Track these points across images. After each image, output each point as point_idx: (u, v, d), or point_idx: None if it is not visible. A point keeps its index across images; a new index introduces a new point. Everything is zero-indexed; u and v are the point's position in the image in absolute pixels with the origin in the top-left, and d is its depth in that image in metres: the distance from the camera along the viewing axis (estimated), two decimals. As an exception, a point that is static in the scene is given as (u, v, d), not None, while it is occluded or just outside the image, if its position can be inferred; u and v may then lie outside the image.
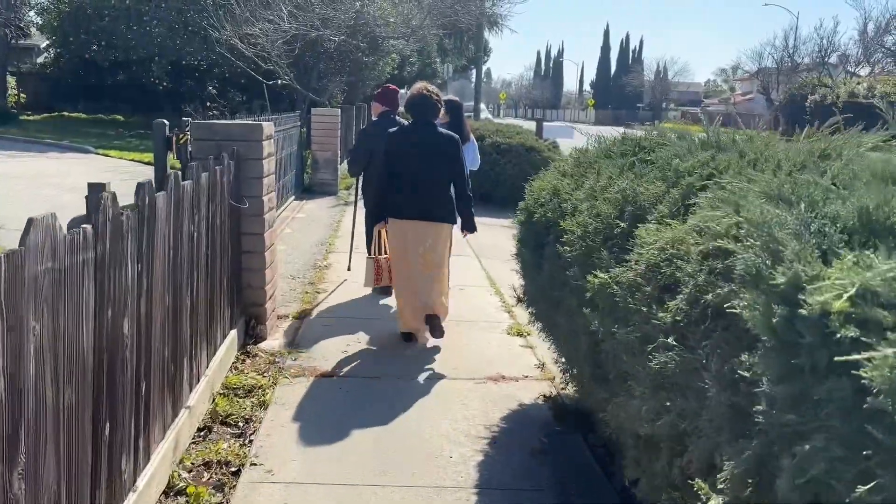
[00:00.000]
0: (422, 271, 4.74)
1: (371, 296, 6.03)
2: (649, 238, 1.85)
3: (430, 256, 4.76)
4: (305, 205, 10.76)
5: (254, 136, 4.65)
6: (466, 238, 5.54)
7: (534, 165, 11.83)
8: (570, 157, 3.71)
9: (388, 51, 21.90)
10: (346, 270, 6.86)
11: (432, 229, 4.74)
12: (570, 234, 2.50)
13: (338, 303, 5.81)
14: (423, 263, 4.73)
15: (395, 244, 4.87)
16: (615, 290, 1.96)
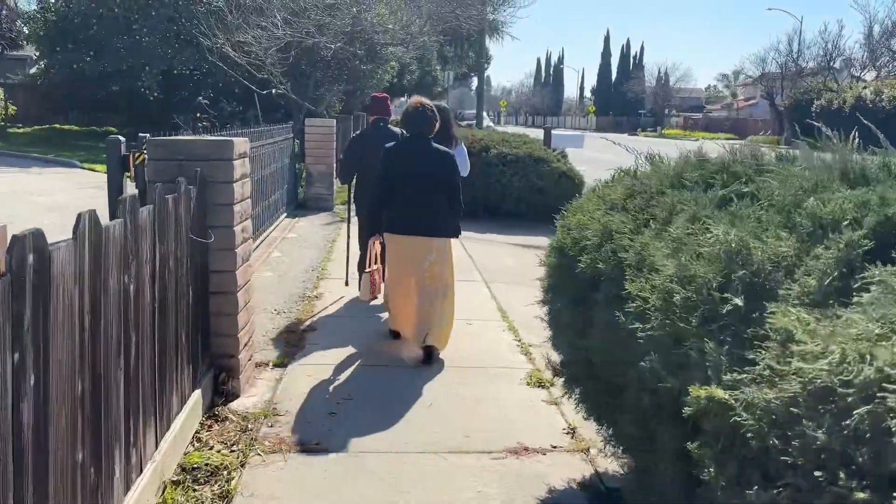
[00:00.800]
0: (429, 285, 4.71)
1: (366, 332, 5.25)
2: (811, 345, 1.09)
3: (436, 269, 4.73)
4: (298, 223, 9.97)
5: (222, 155, 3.88)
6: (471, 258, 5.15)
7: (543, 177, 11.08)
8: (619, 184, 2.93)
9: (387, 58, 21.17)
10: (339, 298, 6.11)
11: (433, 244, 4.73)
12: (640, 301, 1.73)
13: (328, 344, 5.01)
14: (429, 277, 4.71)
15: (393, 260, 4.83)
16: (742, 419, 1.19)
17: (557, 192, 11.02)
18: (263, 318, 5.44)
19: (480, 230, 10.27)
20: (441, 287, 4.76)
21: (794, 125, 50.70)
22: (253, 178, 7.73)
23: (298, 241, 8.65)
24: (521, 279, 7.32)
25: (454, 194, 4.80)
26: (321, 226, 9.91)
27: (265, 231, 8.35)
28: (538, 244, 10.11)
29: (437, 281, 4.74)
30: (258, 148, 7.78)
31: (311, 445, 3.50)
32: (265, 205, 8.44)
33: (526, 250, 9.07)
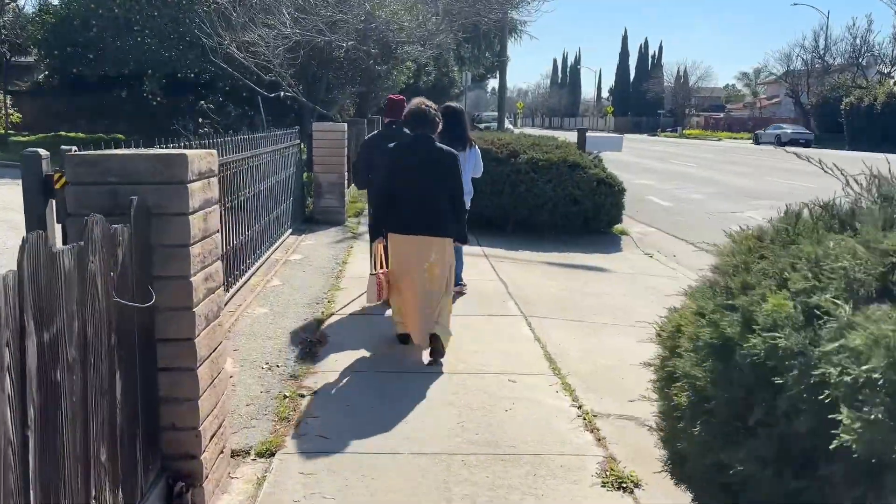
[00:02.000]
0: (428, 287, 4.72)
1: (385, 401, 4.07)
2: None
3: (436, 270, 4.73)
4: (304, 241, 8.82)
5: (173, 175, 2.71)
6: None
7: (579, 185, 9.85)
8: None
9: (403, 58, 20.04)
10: (346, 341, 4.96)
11: (434, 244, 4.72)
12: None
13: (332, 419, 3.82)
14: (429, 279, 4.72)
15: (396, 260, 4.82)
16: None
17: (595, 201, 9.82)
18: (249, 378, 4.28)
19: (511, 246, 9.08)
20: (440, 287, 4.76)
21: (821, 123, 48.98)
22: (248, 193, 6.64)
23: (303, 263, 7.48)
24: (569, 311, 6.12)
25: (456, 194, 4.79)
26: (330, 244, 8.74)
27: (264, 254, 7.20)
28: (579, 262, 8.95)
29: (436, 282, 4.73)
30: (252, 158, 6.64)
31: None
32: (265, 223, 7.30)
33: (567, 272, 7.86)
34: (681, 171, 23.35)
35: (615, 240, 10.02)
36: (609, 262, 8.59)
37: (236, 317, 5.39)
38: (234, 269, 5.85)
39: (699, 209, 13.89)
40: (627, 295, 6.94)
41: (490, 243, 9.16)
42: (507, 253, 8.69)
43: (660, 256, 9.27)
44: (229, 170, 5.76)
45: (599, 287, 7.20)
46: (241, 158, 6.11)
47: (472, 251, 8.62)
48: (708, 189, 17.47)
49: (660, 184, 18.55)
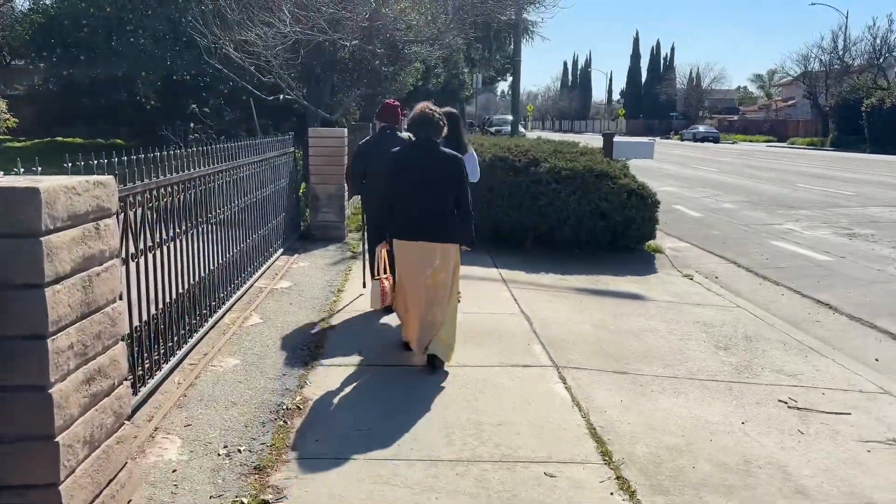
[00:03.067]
0: (431, 294, 4.62)
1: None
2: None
3: (440, 277, 4.62)
4: (296, 263, 7.74)
5: (16, 224, 1.64)
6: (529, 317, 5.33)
7: (607, 197, 8.71)
8: None
9: (411, 59, 18.96)
10: (337, 400, 3.87)
11: (438, 250, 4.61)
12: None
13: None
14: (432, 285, 4.62)
15: (401, 265, 4.72)
16: None
17: (625, 215, 8.69)
18: (199, 472, 3.19)
19: (531, 267, 7.97)
20: (444, 294, 4.64)
21: (841, 125, 47.60)
22: (221, 214, 5.54)
23: (291, 293, 6.40)
24: (609, 357, 5.02)
25: (462, 199, 4.67)
26: (326, 266, 7.66)
27: (245, 283, 6.13)
28: (612, 288, 7.69)
29: (440, 289, 4.63)
30: (227, 172, 5.57)
31: None
32: (245, 247, 6.23)
33: (599, 301, 6.75)
34: (703, 176, 22.17)
35: (648, 258, 8.90)
36: (645, 288, 7.47)
37: (197, 373, 4.31)
38: (195, 313, 4.77)
39: (732, 220, 12.74)
40: (674, 332, 5.83)
41: (508, 264, 8.05)
42: (528, 277, 7.58)
43: (700, 279, 8.14)
44: (191, 188, 4.69)
45: (640, 322, 6.09)
46: (208, 174, 5.04)
47: (488, 275, 7.52)
48: (737, 197, 16.29)
49: (685, 191, 17.38)
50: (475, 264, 7.97)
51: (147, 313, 3.87)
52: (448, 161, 4.63)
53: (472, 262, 8.02)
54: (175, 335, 4.32)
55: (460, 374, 4.56)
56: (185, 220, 4.54)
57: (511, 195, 8.62)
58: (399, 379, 4.48)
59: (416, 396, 4.17)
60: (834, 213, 13.72)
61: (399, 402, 4.07)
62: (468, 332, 5.35)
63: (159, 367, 4.04)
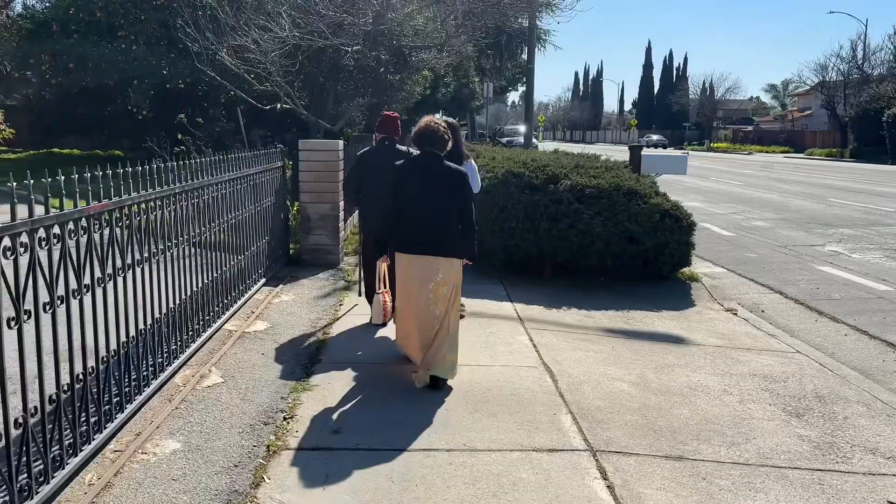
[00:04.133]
0: (432, 308, 4.55)
1: None
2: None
3: (442, 290, 4.56)
4: (279, 296, 6.70)
5: None
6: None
7: (637, 219, 7.64)
8: None
9: (418, 66, 17.98)
10: None
11: (440, 264, 4.55)
12: None
13: None
14: (433, 299, 4.55)
15: (402, 279, 4.65)
16: None
17: (657, 239, 7.62)
18: None
19: (552, 300, 6.91)
20: (445, 308, 4.56)
21: (860, 136, 46.35)
22: (174, 246, 4.48)
23: (266, 338, 5.36)
24: (657, 434, 3.93)
25: (466, 213, 4.60)
26: (314, 300, 6.62)
27: (207, 329, 5.09)
28: (647, 328, 6.23)
29: (441, 303, 4.56)
30: (186, 195, 4.53)
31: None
32: (211, 284, 5.20)
33: (635, 346, 5.66)
34: (727, 189, 21.02)
35: (683, 289, 7.80)
36: (686, 327, 6.38)
37: (120, 465, 3.25)
38: (128, 379, 3.71)
39: (768, 240, 11.62)
40: (731, 391, 4.74)
41: (524, 297, 6.99)
42: (549, 314, 6.51)
43: (746, 314, 7.05)
44: (124, 218, 3.66)
45: (687, 376, 5.00)
46: (148, 200, 4.00)
47: (502, 311, 6.45)
48: (768, 213, 15.15)
49: (710, 206, 16.26)
50: (486, 296, 6.91)
51: (58, 382, 2.83)
52: (452, 175, 4.58)
53: (483, 294, 6.95)
54: (93, 415, 3.28)
55: (469, 463, 3.49)
56: (112, 260, 3.51)
57: (527, 217, 7.57)
58: (393, 478, 3.40)
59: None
60: (878, 231, 12.56)
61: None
62: (479, 395, 4.30)
63: (62, 463, 2.99)
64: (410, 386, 4.50)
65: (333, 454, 3.53)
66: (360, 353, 5.17)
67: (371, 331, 5.68)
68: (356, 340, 5.43)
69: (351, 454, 3.54)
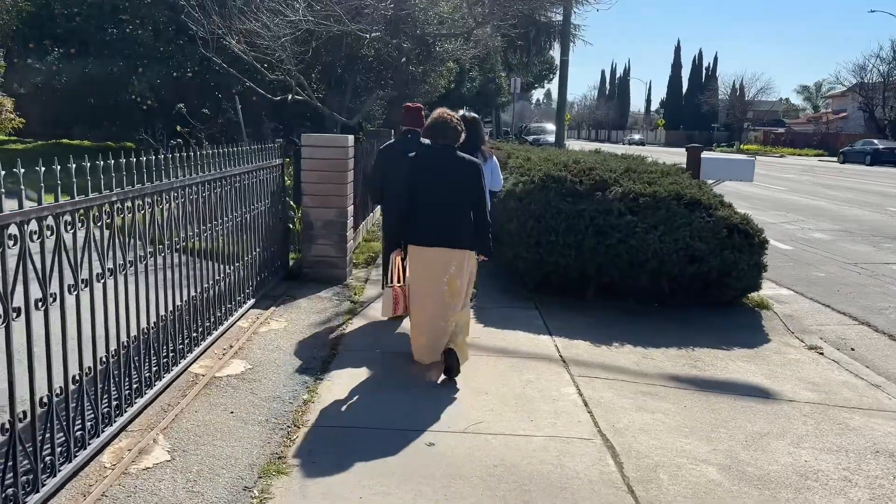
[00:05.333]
0: (447, 300, 4.54)
1: None
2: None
3: (456, 283, 4.54)
4: (268, 322, 5.54)
5: None
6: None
7: (700, 234, 6.39)
8: None
9: (442, 57, 16.78)
10: None
11: (455, 256, 4.54)
12: None
13: None
14: (448, 292, 4.54)
15: (415, 272, 4.63)
16: None
17: (724, 259, 6.36)
18: None
19: (598, 333, 5.68)
20: (458, 302, 4.56)
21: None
22: (124, 268, 3.28)
23: (240, 388, 4.19)
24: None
25: (480, 206, 4.57)
26: (309, 328, 5.45)
27: (161, 379, 3.93)
28: (721, 374, 4.82)
29: (455, 297, 4.55)
30: (144, 199, 3.37)
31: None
32: (178, 315, 4.04)
33: (710, 401, 4.41)
34: (771, 195, 19.57)
35: (752, 318, 6.55)
36: (768, 373, 5.13)
37: None
38: (32, 460, 2.56)
39: (833, 256, 10.28)
40: (855, 479, 3.50)
41: (565, 326, 5.78)
42: (598, 352, 5.28)
43: (834, 352, 5.78)
44: (44, 232, 2.51)
45: (789, 454, 3.76)
46: (81, 208, 2.86)
47: (539, 348, 5.23)
48: (824, 223, 13.76)
49: (757, 213, 14.78)
50: (519, 326, 5.71)
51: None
52: (465, 166, 4.54)
53: (516, 323, 5.75)
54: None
55: None
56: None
57: (569, 229, 6.35)
58: None
59: None
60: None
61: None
62: (516, 485, 3.10)
63: None
64: (427, 471, 3.31)
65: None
66: (362, 411, 3.99)
67: (381, 374, 4.52)
68: (360, 393, 4.25)
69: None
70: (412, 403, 4.09)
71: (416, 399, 4.16)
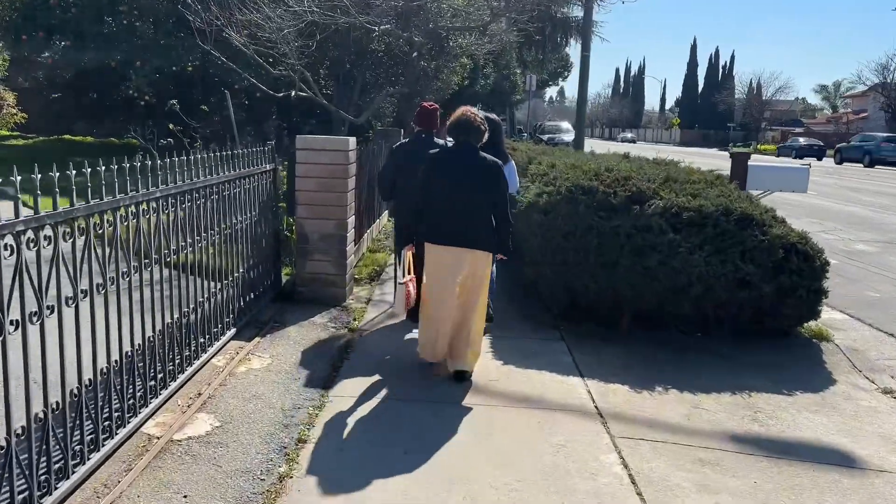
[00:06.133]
0: (460, 300, 4.47)
1: None
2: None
3: (470, 283, 4.47)
4: (249, 359, 4.72)
5: None
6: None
7: (753, 256, 5.51)
8: None
9: (456, 53, 15.93)
10: None
11: (470, 256, 4.44)
12: None
13: None
14: (461, 292, 4.47)
15: (431, 270, 4.55)
16: None
17: (779, 284, 5.49)
18: None
19: (637, 374, 4.83)
20: (474, 300, 4.49)
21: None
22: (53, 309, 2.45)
23: (200, 457, 3.36)
24: None
25: (501, 206, 4.47)
26: (297, 368, 4.63)
27: (102, 447, 3.12)
28: (790, 431, 3.85)
29: (470, 297, 4.49)
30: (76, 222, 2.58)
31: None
32: (128, 361, 3.23)
33: (790, 475, 3.55)
34: (804, 200, 18.52)
35: (810, 351, 5.68)
36: (844, 428, 4.26)
37: None
38: None
39: (882, 270, 9.35)
40: None
41: (599, 367, 4.94)
42: (640, 401, 4.43)
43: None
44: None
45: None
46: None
47: (571, 396, 4.38)
48: (866, 233, 12.80)
49: (794, 222, 13.85)
50: (545, 364, 4.88)
51: None
52: (487, 166, 4.46)
53: (540, 360, 4.91)
54: None
55: None
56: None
57: (601, 248, 5.50)
58: None
59: None
60: None
61: None
62: None
63: None
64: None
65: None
66: (354, 498, 3.16)
67: (381, 434, 3.69)
68: (352, 467, 3.41)
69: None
70: (420, 486, 3.26)
71: (426, 478, 3.33)
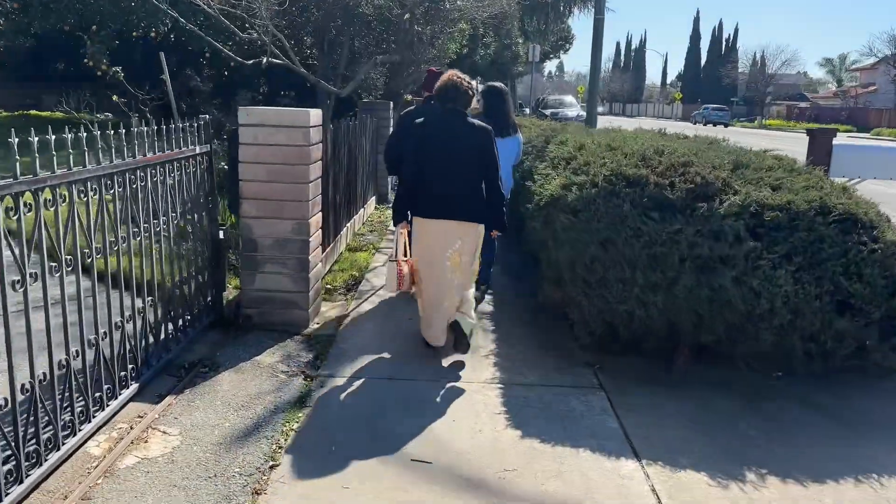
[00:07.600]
0: (450, 276, 4.31)
1: None
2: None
3: (459, 259, 4.31)
4: (141, 444, 3.20)
5: None
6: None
7: (858, 270, 4.00)
8: None
9: (454, 17, 14.27)
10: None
11: (461, 229, 4.29)
12: None
13: None
14: (451, 267, 4.31)
15: (421, 246, 4.38)
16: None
17: (891, 306, 3.97)
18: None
19: (713, 450, 3.32)
20: (465, 278, 4.39)
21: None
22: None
23: None
24: None
25: (491, 176, 4.28)
26: (220, 448, 3.13)
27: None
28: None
29: (459, 272, 4.33)
30: None
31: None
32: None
33: None
34: (884, 189, 17.03)
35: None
36: None
37: None
38: None
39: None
40: None
41: (656, 438, 3.44)
42: (725, 501, 2.94)
43: None
44: None
45: None
46: None
47: (625, 497, 2.89)
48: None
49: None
50: (580, 432, 3.39)
51: None
52: (476, 133, 4.25)
53: (573, 424, 3.41)
54: None
55: None
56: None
57: (653, 263, 3.97)
58: None
59: None
60: None
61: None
62: None
63: None
64: None
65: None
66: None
67: None
68: None
69: None
70: None
71: None
